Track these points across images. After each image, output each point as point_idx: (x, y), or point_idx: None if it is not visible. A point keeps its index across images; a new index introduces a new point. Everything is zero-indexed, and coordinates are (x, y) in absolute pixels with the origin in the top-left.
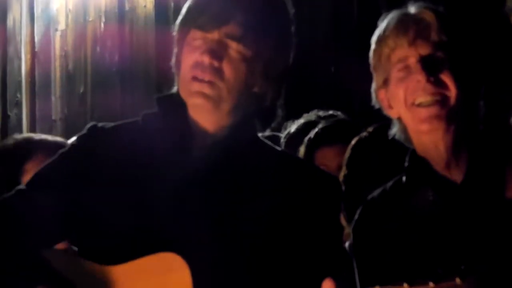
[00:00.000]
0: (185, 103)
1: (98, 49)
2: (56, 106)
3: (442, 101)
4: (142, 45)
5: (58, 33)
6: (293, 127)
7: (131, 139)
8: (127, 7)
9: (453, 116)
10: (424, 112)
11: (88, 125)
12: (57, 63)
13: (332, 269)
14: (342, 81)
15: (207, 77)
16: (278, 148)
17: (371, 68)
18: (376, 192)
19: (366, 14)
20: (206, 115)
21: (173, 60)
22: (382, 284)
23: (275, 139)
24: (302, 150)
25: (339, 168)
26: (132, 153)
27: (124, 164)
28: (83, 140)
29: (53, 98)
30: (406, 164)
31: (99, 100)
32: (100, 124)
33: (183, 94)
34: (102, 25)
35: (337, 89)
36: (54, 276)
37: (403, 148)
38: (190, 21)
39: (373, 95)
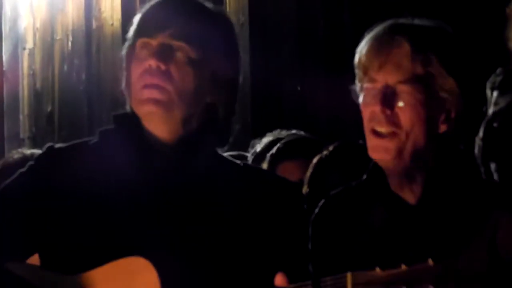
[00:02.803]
0: (140, 118)
1: (65, 67)
2: (24, 125)
3: (395, 133)
4: (109, 64)
5: (26, 52)
6: (258, 147)
7: (89, 155)
8: (94, 25)
9: (402, 149)
10: (374, 141)
11: (46, 146)
12: (25, 82)
13: (295, 269)
14: (309, 100)
15: (155, 80)
16: (238, 161)
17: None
18: (339, 189)
19: (331, 33)
20: (159, 123)
21: (123, 81)
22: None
23: (241, 159)
24: (265, 165)
25: (300, 182)
26: (92, 168)
27: (84, 179)
28: (41, 160)
29: (21, 117)
30: (364, 176)
31: (67, 119)
32: (57, 145)
33: (136, 107)
34: (70, 43)
35: (304, 107)
36: None
37: (364, 166)
38: (136, 33)
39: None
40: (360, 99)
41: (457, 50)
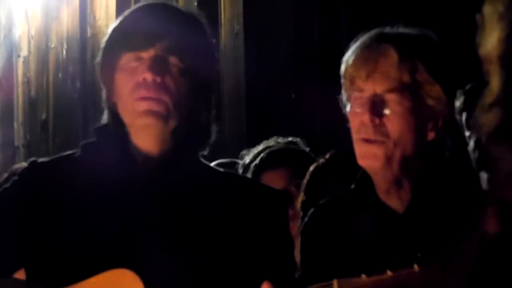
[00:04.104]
0: (123, 130)
1: (60, 75)
2: (18, 133)
3: (382, 142)
4: None
5: (21, 60)
6: (247, 158)
7: (74, 168)
8: (89, 33)
9: (391, 158)
10: (364, 148)
11: (29, 161)
12: (20, 90)
13: (280, 277)
14: (303, 108)
15: (152, 94)
16: (220, 169)
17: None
18: (328, 198)
19: (326, 41)
20: (153, 134)
21: (104, 91)
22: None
23: (234, 166)
24: (249, 176)
25: (284, 191)
26: (77, 181)
27: (69, 192)
28: (24, 175)
29: (15, 125)
30: (352, 185)
31: (61, 127)
32: (40, 159)
33: (129, 118)
34: (64, 51)
35: (299, 115)
36: None
37: None
38: (121, 46)
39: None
40: (347, 109)
41: (443, 57)
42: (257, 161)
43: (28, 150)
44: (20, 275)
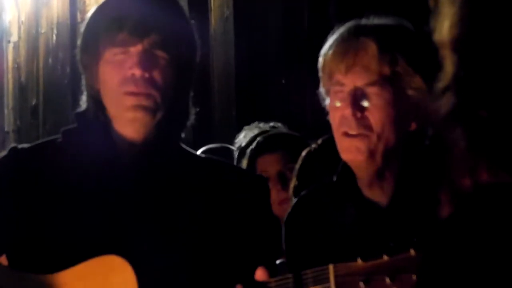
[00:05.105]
0: (105, 116)
1: (50, 61)
2: (9, 118)
3: (365, 135)
4: None
5: (11, 45)
6: (243, 141)
7: (55, 154)
8: (79, 18)
9: (374, 151)
10: (346, 142)
11: (9, 147)
12: (10, 75)
13: (267, 259)
14: (293, 93)
15: (141, 89)
16: (201, 155)
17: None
18: (310, 189)
19: (316, 26)
20: (140, 127)
21: (85, 78)
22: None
23: (224, 151)
24: (245, 159)
25: (279, 174)
26: (59, 167)
27: (51, 178)
28: (5, 162)
29: (5, 110)
30: (334, 178)
31: (52, 112)
32: (20, 146)
33: (115, 110)
34: (54, 37)
35: (289, 100)
36: None
37: None
38: (107, 39)
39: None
40: (327, 102)
41: (421, 47)
42: (253, 145)
43: (18, 135)
44: (3, 260)
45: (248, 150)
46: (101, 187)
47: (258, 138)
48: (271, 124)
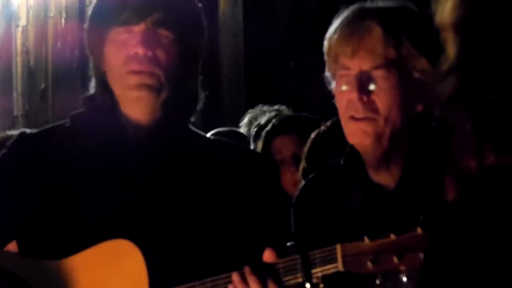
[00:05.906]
0: (112, 99)
1: (59, 45)
2: (17, 102)
3: (372, 118)
4: None
5: (19, 29)
6: (263, 119)
7: (64, 139)
8: (87, 2)
9: (381, 134)
10: (353, 126)
11: (18, 132)
12: (19, 59)
13: (276, 241)
14: (303, 75)
15: (144, 67)
16: (210, 136)
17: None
18: (317, 172)
19: (325, 9)
20: (145, 107)
21: (92, 60)
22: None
23: (233, 135)
24: (260, 142)
25: (293, 156)
26: (67, 151)
27: (60, 163)
28: (14, 147)
29: (14, 94)
30: (341, 161)
31: (60, 96)
32: (28, 131)
33: (120, 90)
34: (63, 21)
35: (298, 83)
36: (10, 276)
37: None
38: (111, 19)
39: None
40: (333, 86)
41: (426, 29)
42: (268, 127)
43: (27, 119)
44: (13, 247)
45: (263, 132)
46: (110, 171)
47: (273, 120)
48: (276, 107)
